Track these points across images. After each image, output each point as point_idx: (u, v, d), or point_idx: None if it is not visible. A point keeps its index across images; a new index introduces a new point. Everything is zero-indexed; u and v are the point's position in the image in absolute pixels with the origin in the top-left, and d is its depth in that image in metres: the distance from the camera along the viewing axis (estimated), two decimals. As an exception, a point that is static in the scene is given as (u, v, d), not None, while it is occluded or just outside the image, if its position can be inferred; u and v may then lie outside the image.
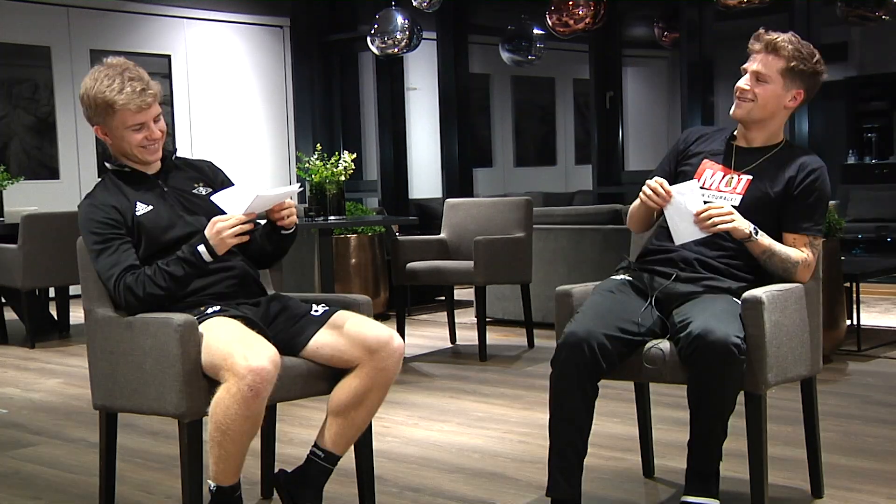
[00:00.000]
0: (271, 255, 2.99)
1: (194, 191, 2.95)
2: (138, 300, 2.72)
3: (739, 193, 2.91)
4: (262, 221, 2.88)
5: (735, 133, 3.03)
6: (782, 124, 2.99)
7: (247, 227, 2.71)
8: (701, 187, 2.92)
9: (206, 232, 2.71)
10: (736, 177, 2.94)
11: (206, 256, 2.71)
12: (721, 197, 2.91)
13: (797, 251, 2.87)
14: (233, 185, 2.97)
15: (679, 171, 3.05)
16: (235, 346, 2.55)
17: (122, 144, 2.83)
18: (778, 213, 2.91)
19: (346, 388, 2.75)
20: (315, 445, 2.80)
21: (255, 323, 2.72)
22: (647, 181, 2.85)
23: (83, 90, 2.82)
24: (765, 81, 2.89)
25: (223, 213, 2.74)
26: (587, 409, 2.74)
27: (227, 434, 2.53)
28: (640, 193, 2.87)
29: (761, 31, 2.94)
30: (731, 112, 2.96)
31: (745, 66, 2.94)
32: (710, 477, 2.78)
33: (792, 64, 2.88)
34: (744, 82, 2.91)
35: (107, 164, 2.92)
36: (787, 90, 2.90)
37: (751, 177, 2.92)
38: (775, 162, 2.94)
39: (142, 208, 2.83)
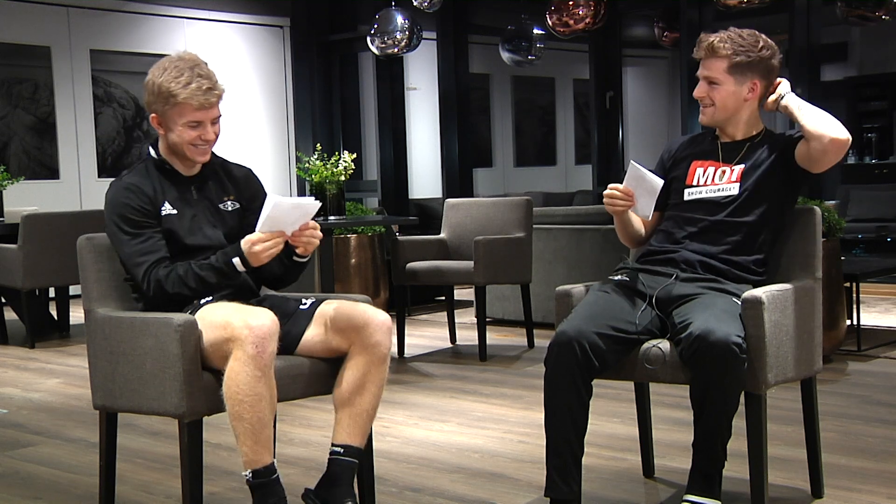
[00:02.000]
0: (279, 278, 2.99)
1: (221, 205, 2.94)
2: (165, 295, 2.76)
3: (735, 181, 2.94)
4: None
5: (717, 132, 3.07)
6: (754, 115, 3.01)
7: (280, 244, 2.71)
8: (696, 185, 2.99)
9: (243, 245, 2.72)
10: (728, 168, 2.97)
11: (240, 267, 2.74)
12: (718, 189, 2.95)
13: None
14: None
15: (671, 177, 3.07)
16: (232, 315, 2.59)
17: (174, 138, 2.82)
18: (781, 190, 2.93)
19: (345, 377, 2.76)
20: (333, 445, 2.78)
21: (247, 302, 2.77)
22: (604, 193, 2.95)
23: (150, 77, 2.80)
24: (716, 83, 2.94)
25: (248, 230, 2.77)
26: (582, 408, 2.74)
27: (244, 403, 2.54)
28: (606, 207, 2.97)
29: (702, 35, 3.00)
30: (699, 120, 3.04)
31: (697, 73, 3.01)
32: (713, 477, 2.78)
33: (735, 60, 2.91)
34: (698, 90, 2.98)
35: (151, 151, 2.90)
36: (739, 85, 2.93)
37: (743, 166, 2.96)
38: (760, 146, 2.98)
39: (167, 209, 2.84)
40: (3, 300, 6.86)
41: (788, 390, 3.25)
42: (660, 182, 2.90)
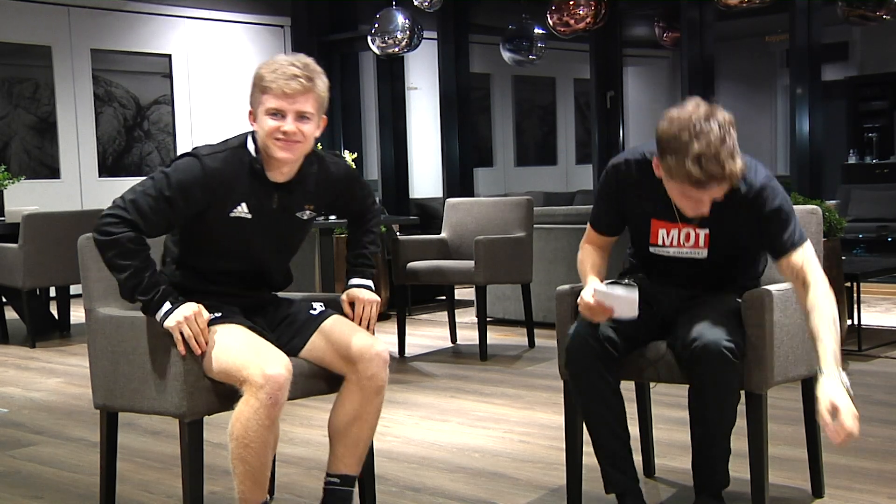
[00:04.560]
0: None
1: (298, 213, 2.79)
2: (99, 248, 2.57)
3: (703, 247, 2.75)
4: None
5: None
6: None
7: (195, 341, 2.57)
8: (660, 244, 2.79)
9: (182, 307, 2.55)
10: (693, 231, 2.75)
11: (160, 315, 2.56)
12: (686, 253, 2.77)
13: (817, 296, 2.65)
14: (362, 188, 2.97)
15: (630, 219, 2.86)
16: (249, 356, 2.53)
17: (259, 131, 2.67)
18: (753, 244, 2.77)
19: (340, 407, 2.73)
20: (327, 475, 2.75)
21: (257, 329, 2.70)
22: (583, 303, 2.70)
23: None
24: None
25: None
26: (613, 394, 2.73)
27: (250, 448, 2.51)
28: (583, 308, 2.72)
29: (710, 172, 2.45)
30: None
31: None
32: (717, 492, 2.76)
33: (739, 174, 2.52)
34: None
35: (254, 140, 2.72)
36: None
37: (707, 230, 2.73)
38: (725, 207, 2.63)
39: (240, 211, 2.67)
40: (4, 300, 6.86)
41: (788, 390, 3.25)
42: (634, 290, 2.63)
